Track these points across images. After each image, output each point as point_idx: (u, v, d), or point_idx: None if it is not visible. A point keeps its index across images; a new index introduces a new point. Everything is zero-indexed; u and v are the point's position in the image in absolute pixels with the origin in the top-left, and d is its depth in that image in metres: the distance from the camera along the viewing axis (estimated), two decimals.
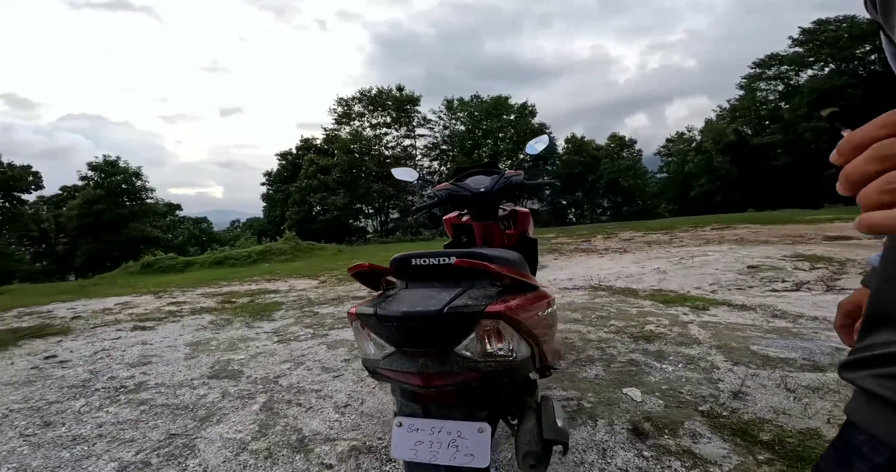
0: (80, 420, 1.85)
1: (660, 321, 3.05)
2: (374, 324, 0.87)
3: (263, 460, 1.48)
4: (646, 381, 2.05)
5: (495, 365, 0.85)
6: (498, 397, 0.96)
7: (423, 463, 0.87)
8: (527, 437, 0.90)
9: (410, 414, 0.92)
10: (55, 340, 3.62)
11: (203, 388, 2.22)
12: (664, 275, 5.20)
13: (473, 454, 0.83)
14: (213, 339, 3.35)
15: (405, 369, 0.85)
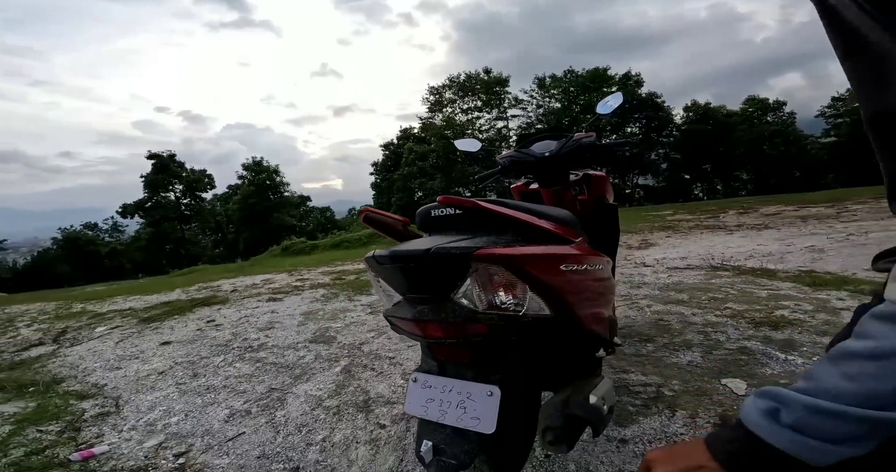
0: (216, 373, 2.36)
1: (799, 306, 2.47)
2: (376, 267, 0.85)
3: (332, 416, 1.69)
4: (758, 373, 1.71)
5: (497, 318, 0.77)
6: (516, 359, 0.86)
7: (432, 421, 0.86)
8: (549, 410, 0.82)
9: (427, 371, 0.91)
10: (217, 308, 4.62)
11: (303, 350, 2.61)
12: (820, 254, 4.12)
13: (480, 418, 0.78)
14: (321, 310, 3.87)
15: (405, 316, 0.81)
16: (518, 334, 0.81)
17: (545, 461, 1.31)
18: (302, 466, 1.38)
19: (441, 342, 0.83)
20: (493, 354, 0.85)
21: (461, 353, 0.86)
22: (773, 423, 0.37)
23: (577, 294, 0.90)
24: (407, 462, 1.35)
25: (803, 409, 0.35)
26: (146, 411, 1.94)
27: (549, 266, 0.84)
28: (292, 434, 1.58)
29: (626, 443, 1.35)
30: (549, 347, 0.94)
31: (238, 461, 1.44)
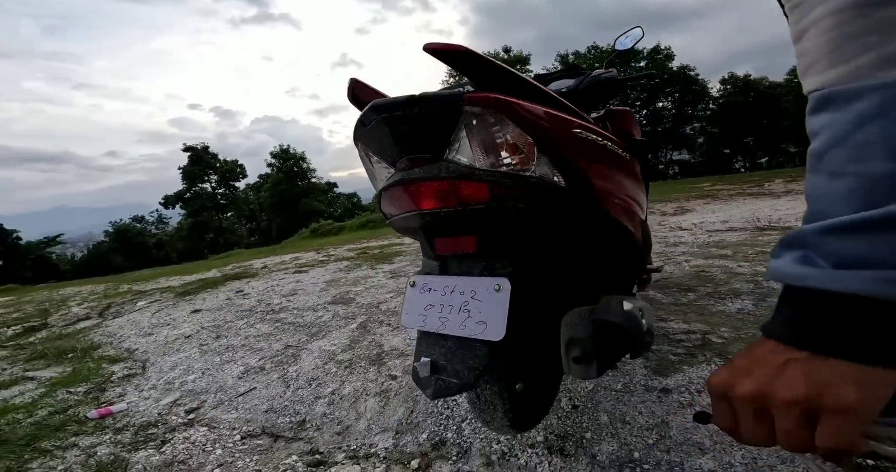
0: (237, 334, 2.36)
1: None
2: (363, 135, 0.74)
3: (344, 369, 1.61)
4: None
5: (500, 177, 0.63)
6: (528, 246, 0.71)
7: (432, 334, 0.72)
8: (573, 318, 0.64)
9: (428, 274, 0.78)
10: (246, 281, 4.72)
11: (322, 311, 2.57)
12: None
13: (486, 322, 0.64)
14: (343, 278, 3.85)
15: (394, 182, 0.69)
16: (527, 203, 0.64)
17: (572, 412, 1.17)
18: (308, 419, 1.31)
19: (438, 215, 0.67)
20: (502, 240, 0.70)
21: (465, 241, 0.72)
22: (814, 268, 0.29)
23: (596, 166, 0.74)
24: (417, 414, 1.25)
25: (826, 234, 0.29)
26: (168, 370, 1.95)
27: (557, 125, 0.68)
28: (302, 388, 1.52)
29: (669, 393, 1.17)
30: (568, 233, 0.76)
31: (246, 415, 1.39)
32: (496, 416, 0.84)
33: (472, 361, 0.66)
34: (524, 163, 0.64)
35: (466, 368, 0.66)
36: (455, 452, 1.09)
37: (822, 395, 0.28)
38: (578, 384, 1.28)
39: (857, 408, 0.27)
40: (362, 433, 1.21)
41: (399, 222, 0.78)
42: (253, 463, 1.12)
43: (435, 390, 0.67)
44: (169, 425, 1.40)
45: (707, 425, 0.59)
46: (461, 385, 0.65)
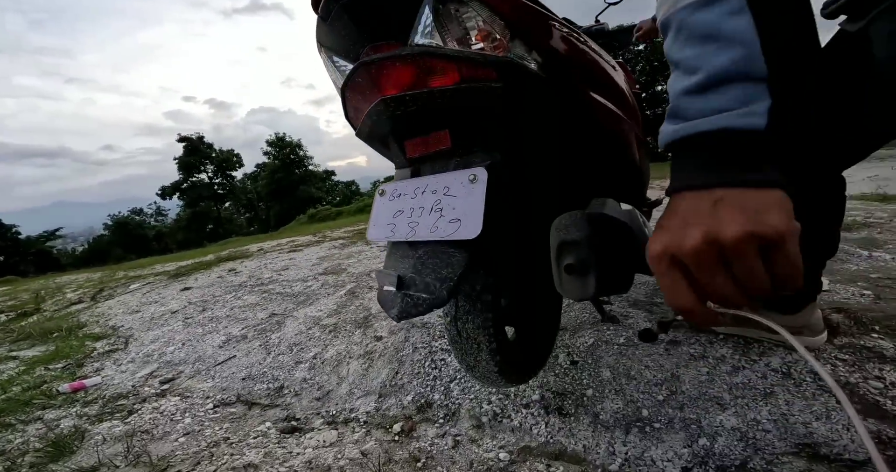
0: (223, 306, 2.26)
1: (872, 214, 2.20)
2: (323, 33, 0.68)
3: (328, 333, 1.51)
4: (840, 269, 1.44)
5: (470, 55, 0.55)
6: (508, 135, 0.61)
7: (401, 244, 0.62)
8: (565, 220, 0.50)
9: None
10: (240, 261, 4.64)
11: (312, 281, 2.47)
12: (886, 181, 3.93)
13: (460, 219, 0.54)
14: (337, 254, 3.75)
15: (354, 67, 0.61)
16: (501, 86, 0.55)
17: (571, 368, 1.06)
18: (287, 385, 1.22)
19: (403, 100, 0.58)
20: (477, 131, 0.60)
21: (437, 138, 0.62)
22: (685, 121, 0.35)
23: (578, 63, 0.66)
24: (402, 375, 1.15)
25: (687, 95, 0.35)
26: (149, 344, 1.87)
27: (534, 15, 0.60)
28: (283, 354, 1.42)
29: (679, 344, 1.06)
30: (550, 125, 0.65)
31: (222, 383, 1.30)
32: (481, 357, 0.72)
33: (446, 270, 0.55)
34: (497, 49, 0.57)
35: (439, 279, 0.55)
36: (442, 414, 0.99)
37: (762, 222, 0.30)
38: (577, 339, 1.18)
39: (791, 228, 0.30)
40: (343, 397, 1.12)
41: (366, 127, 0.68)
42: (222, 431, 1.03)
43: (401, 309, 0.56)
44: (140, 396, 1.31)
45: (654, 342, 0.56)
46: (432, 301, 0.54)
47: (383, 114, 0.61)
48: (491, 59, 0.55)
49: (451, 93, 0.56)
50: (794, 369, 0.89)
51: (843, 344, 0.96)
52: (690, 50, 0.35)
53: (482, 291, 0.68)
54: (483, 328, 0.69)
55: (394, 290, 0.58)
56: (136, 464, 0.93)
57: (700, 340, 1.05)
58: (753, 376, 0.89)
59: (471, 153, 0.61)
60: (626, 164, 0.80)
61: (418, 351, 1.25)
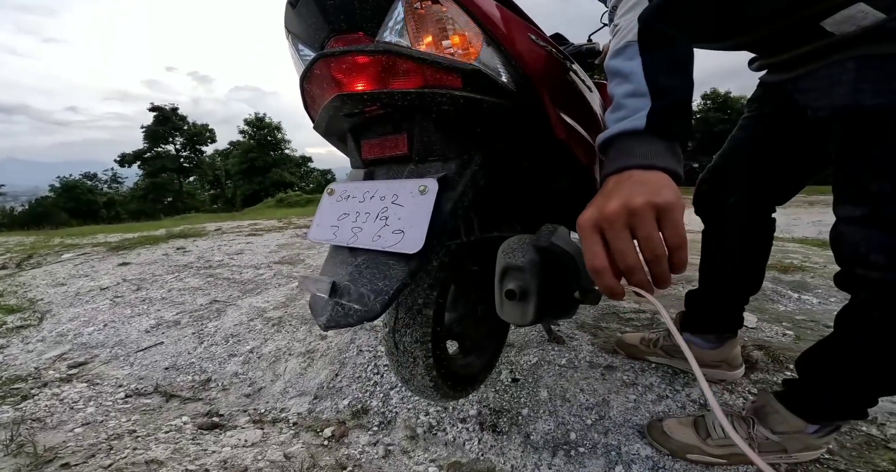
0: (161, 287, 2.12)
1: (809, 258, 2.32)
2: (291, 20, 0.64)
3: (270, 326, 1.44)
4: (769, 308, 1.52)
5: (437, 59, 0.53)
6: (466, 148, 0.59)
7: (342, 249, 0.60)
8: (511, 244, 0.51)
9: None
10: (192, 239, 4.38)
11: (265, 269, 2.36)
12: (828, 228, 4.03)
13: (404, 230, 0.52)
14: (299, 242, 3.62)
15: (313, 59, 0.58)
16: (466, 97, 0.53)
17: (511, 385, 1.07)
18: (215, 378, 1.14)
19: (361, 98, 0.55)
20: (436, 140, 0.58)
21: (395, 142, 0.60)
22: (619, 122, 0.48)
23: (550, 80, 0.64)
24: (342, 378, 1.11)
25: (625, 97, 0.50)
26: (66, 322, 1.71)
27: (511, 27, 0.58)
28: (217, 345, 1.34)
29: (614, 370, 1.09)
30: (512, 144, 0.65)
31: (140, 371, 1.20)
32: (416, 371, 0.70)
33: (383, 282, 0.52)
34: (467, 55, 0.55)
35: (374, 291, 0.52)
36: (377, 422, 0.96)
37: (659, 194, 0.40)
38: (522, 357, 1.18)
39: (679, 203, 0.40)
40: (276, 396, 1.06)
41: (323, 122, 0.65)
42: (129, 423, 0.95)
43: (330, 317, 0.53)
44: (42, 379, 1.19)
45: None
46: (364, 313, 0.51)
47: (339, 110, 0.58)
48: (458, 66, 0.53)
49: (411, 97, 0.53)
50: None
51: (758, 380, 1.02)
52: (610, 83, 0.52)
53: (424, 305, 0.67)
54: (421, 343, 0.67)
55: (325, 297, 0.55)
56: (16, 454, 0.84)
57: (634, 367, 1.08)
58: (674, 406, 0.93)
59: (426, 162, 0.58)
60: (585, 191, 0.80)
61: (363, 354, 1.21)
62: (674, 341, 1.04)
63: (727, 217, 0.86)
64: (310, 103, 0.67)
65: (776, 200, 0.84)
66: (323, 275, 0.58)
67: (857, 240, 0.59)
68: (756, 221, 0.86)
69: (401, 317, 0.68)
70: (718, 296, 0.94)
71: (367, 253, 0.56)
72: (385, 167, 0.62)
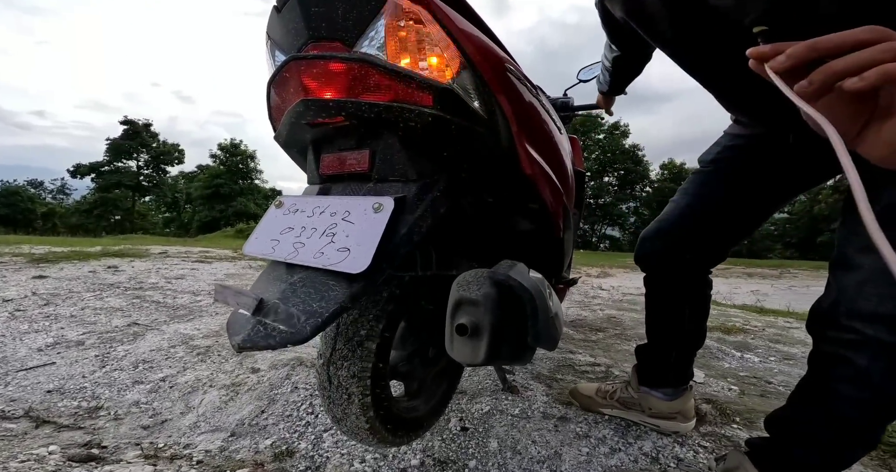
0: (74, 305, 1.86)
1: (749, 322, 2.48)
2: (273, 26, 0.62)
3: (195, 355, 1.27)
4: (715, 365, 1.59)
5: (410, 75, 0.51)
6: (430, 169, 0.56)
7: (279, 265, 0.53)
8: (467, 277, 0.48)
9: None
10: (129, 260, 4.00)
11: (204, 296, 2.15)
12: (764, 296, 4.54)
13: (350, 248, 0.46)
14: (251, 274, 3.40)
15: (283, 61, 0.56)
16: (435, 117, 0.51)
17: (460, 434, 0.97)
18: (108, 406, 0.96)
19: (326, 106, 0.52)
20: (399, 158, 0.55)
21: (356, 158, 0.56)
22: None
23: (520, 112, 0.63)
24: (269, 416, 0.96)
25: None
26: None
27: (491, 53, 0.58)
28: (122, 370, 1.15)
29: (568, 422, 1.02)
30: (478, 173, 0.62)
31: (15, 393, 1.00)
32: (350, 410, 0.62)
33: (318, 304, 0.46)
34: (443, 77, 0.54)
35: (306, 312, 0.45)
36: (303, 466, 0.83)
37: None
38: (473, 404, 1.09)
39: None
40: (182, 429, 0.90)
41: (284, 130, 0.61)
42: None
43: (247, 337, 0.46)
44: None
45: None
46: (289, 336, 0.44)
47: (302, 117, 0.56)
48: (431, 83, 0.51)
49: (379, 109, 0.51)
50: (661, 455, 0.90)
51: (707, 432, 1.01)
52: None
53: (367, 337, 0.60)
54: (358, 378, 0.60)
55: (248, 314, 0.48)
56: None
57: (587, 419, 1.03)
58: (626, 459, 0.88)
59: (386, 181, 0.55)
60: (546, 234, 0.78)
61: (298, 392, 1.08)
62: (632, 393, 1.01)
63: (670, 275, 0.90)
64: (274, 110, 0.65)
65: (715, 258, 0.88)
66: (250, 291, 0.51)
67: (878, 293, 0.54)
68: (697, 278, 0.90)
69: (339, 348, 0.61)
70: (667, 351, 0.95)
71: (306, 271, 0.50)
72: (342, 184, 0.59)
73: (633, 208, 31.48)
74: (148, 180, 33.04)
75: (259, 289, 0.52)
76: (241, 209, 30.74)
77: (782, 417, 0.69)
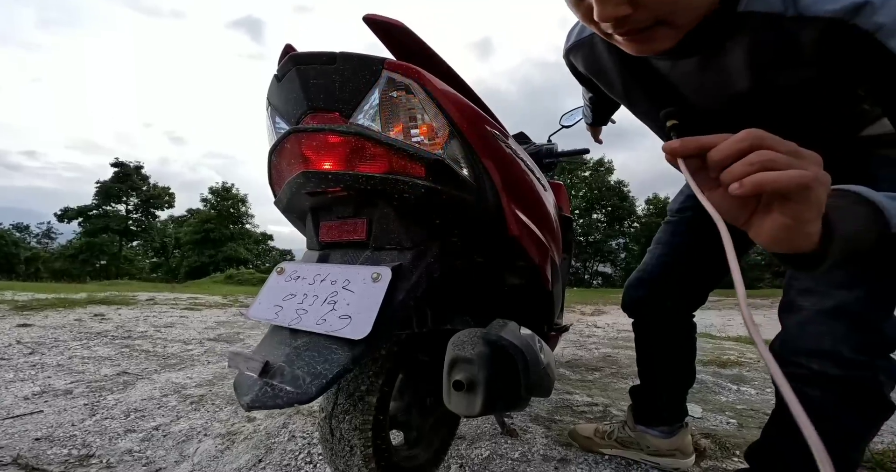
0: (62, 354, 1.82)
1: (744, 354, 2.50)
2: (273, 93, 0.65)
3: (188, 404, 1.24)
4: (712, 399, 1.59)
5: (403, 147, 0.55)
6: (423, 238, 0.60)
7: (282, 330, 0.56)
8: (462, 337, 0.53)
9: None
10: (116, 307, 3.92)
11: (196, 345, 2.11)
12: (759, 328, 4.47)
13: (351, 316, 0.50)
14: (242, 321, 3.34)
15: (285, 133, 0.60)
16: (427, 187, 0.55)
17: None
18: (100, 454, 0.93)
19: (326, 178, 0.56)
20: (395, 228, 0.58)
21: (353, 226, 0.60)
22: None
23: (505, 176, 0.67)
24: (266, 465, 0.94)
25: None
26: None
27: (475, 122, 0.63)
28: (113, 419, 1.12)
29: (568, 463, 1.02)
30: (468, 238, 0.66)
31: (2, 440, 0.96)
32: (353, 462, 0.64)
33: (322, 366, 0.49)
34: (433, 146, 0.58)
35: (311, 374, 0.48)
36: None
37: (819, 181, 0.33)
38: (473, 450, 1.08)
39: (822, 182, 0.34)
40: None
41: (284, 198, 0.66)
42: None
43: (255, 397, 0.48)
44: None
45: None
46: (296, 396, 0.47)
47: (302, 187, 0.59)
48: (423, 155, 0.55)
49: (375, 181, 0.55)
50: None
51: (708, 467, 1.01)
52: None
53: (367, 392, 0.64)
54: (360, 431, 0.62)
55: (254, 376, 0.50)
56: None
57: (588, 459, 1.02)
58: None
59: (383, 250, 0.58)
60: (536, 288, 0.81)
61: (295, 441, 1.06)
62: (629, 433, 1.02)
63: (655, 321, 0.96)
64: (275, 177, 0.68)
65: (696, 302, 0.94)
66: (256, 354, 0.54)
67: (820, 331, 0.59)
68: (681, 322, 0.96)
69: (340, 403, 0.64)
70: (659, 390, 0.98)
71: (309, 336, 0.53)
72: (341, 252, 0.62)
73: (623, 244, 31.80)
74: (137, 225, 32.80)
75: (264, 352, 0.55)
76: (231, 254, 30.40)
77: (759, 448, 0.72)
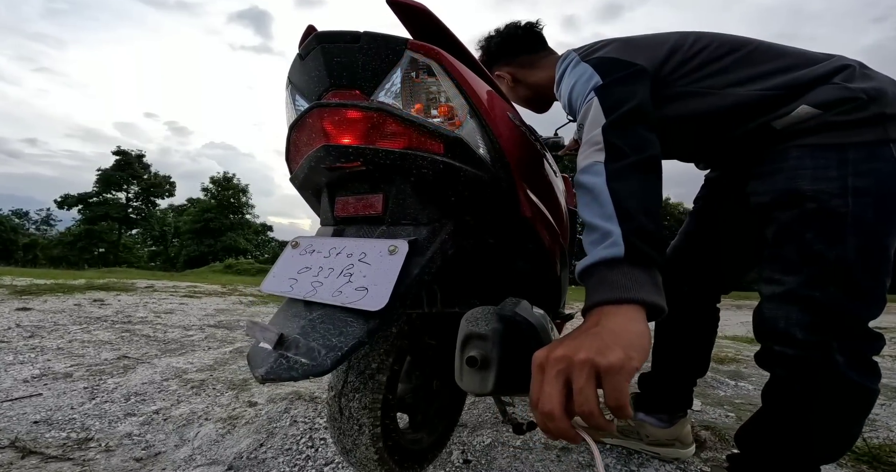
0: (61, 337, 1.81)
1: (741, 352, 2.54)
2: (296, 71, 0.66)
3: (189, 388, 1.23)
4: (711, 394, 1.62)
5: (423, 124, 0.55)
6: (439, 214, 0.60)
7: (297, 302, 0.55)
8: (476, 314, 0.51)
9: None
10: (115, 293, 3.91)
11: (196, 331, 2.10)
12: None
13: (368, 288, 0.49)
14: (242, 310, 3.34)
15: (307, 108, 0.60)
16: (445, 163, 0.55)
17: (462, 467, 0.95)
18: (99, 437, 0.92)
19: (346, 152, 0.56)
20: (411, 203, 0.58)
21: (370, 201, 0.59)
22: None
23: (520, 158, 0.68)
24: (268, 449, 0.94)
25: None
26: None
27: (494, 102, 0.63)
28: (112, 402, 1.11)
29: (570, 452, 1.01)
30: (482, 215, 0.66)
31: (0, 423, 0.95)
32: (361, 441, 0.63)
33: (337, 338, 0.48)
34: (451, 125, 0.59)
35: (326, 346, 0.48)
36: None
37: (604, 354, 0.38)
38: (475, 437, 1.08)
39: (623, 366, 0.38)
40: (177, 462, 0.86)
41: (302, 173, 0.65)
42: None
43: (270, 369, 0.47)
44: None
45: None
46: (310, 368, 0.46)
47: (321, 161, 0.59)
48: (442, 132, 0.56)
49: (394, 156, 0.55)
50: None
51: (708, 458, 1.02)
52: (579, 202, 0.55)
53: (377, 370, 0.63)
54: (369, 409, 0.62)
55: (269, 348, 0.50)
56: None
57: (589, 448, 1.02)
58: None
59: (398, 225, 0.59)
60: (545, 270, 0.81)
61: (297, 425, 1.05)
62: (629, 422, 1.02)
63: (679, 306, 0.93)
64: (293, 153, 0.68)
65: (722, 289, 0.94)
66: (271, 326, 0.54)
67: (776, 316, 0.62)
68: (704, 309, 0.95)
69: (350, 381, 0.63)
70: (670, 378, 0.99)
71: (325, 308, 0.52)
72: (356, 226, 0.62)
73: None
74: (136, 213, 32.73)
75: (279, 324, 0.54)
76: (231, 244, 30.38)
77: (747, 431, 0.73)
